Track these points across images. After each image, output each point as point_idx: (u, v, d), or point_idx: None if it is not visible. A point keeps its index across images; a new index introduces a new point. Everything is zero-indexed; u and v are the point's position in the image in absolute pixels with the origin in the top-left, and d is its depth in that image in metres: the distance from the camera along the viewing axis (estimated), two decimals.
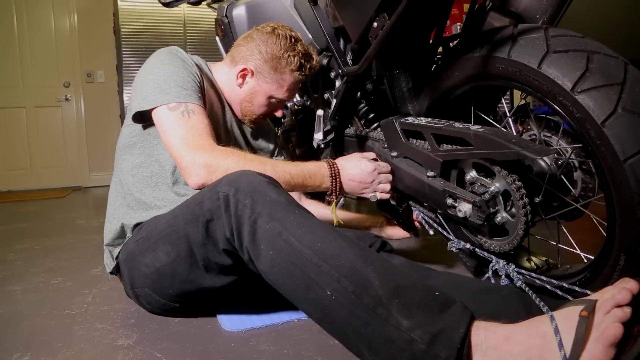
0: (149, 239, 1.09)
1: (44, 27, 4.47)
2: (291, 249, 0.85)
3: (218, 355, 0.97)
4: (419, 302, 0.75)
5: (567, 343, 0.64)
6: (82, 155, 4.68)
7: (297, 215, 0.90)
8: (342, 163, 1.22)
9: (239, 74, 1.32)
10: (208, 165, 1.07)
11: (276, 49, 1.29)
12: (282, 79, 1.31)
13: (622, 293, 0.62)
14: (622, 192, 0.84)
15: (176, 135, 1.10)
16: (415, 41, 1.23)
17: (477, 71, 1.06)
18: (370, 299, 0.76)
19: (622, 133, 0.82)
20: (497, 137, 0.95)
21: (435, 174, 1.13)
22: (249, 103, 1.34)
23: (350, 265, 0.80)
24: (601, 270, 0.95)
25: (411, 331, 0.71)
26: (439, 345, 0.69)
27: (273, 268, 0.87)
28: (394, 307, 0.74)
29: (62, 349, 1.03)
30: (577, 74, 0.87)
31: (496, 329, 0.71)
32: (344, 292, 0.78)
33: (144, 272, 1.10)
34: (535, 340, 0.67)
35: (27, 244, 2.11)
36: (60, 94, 4.58)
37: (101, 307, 1.28)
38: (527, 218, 1.00)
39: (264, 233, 0.88)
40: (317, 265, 0.81)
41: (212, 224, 0.96)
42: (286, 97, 1.35)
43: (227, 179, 0.96)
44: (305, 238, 0.85)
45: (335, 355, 0.96)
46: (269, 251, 0.87)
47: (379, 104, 1.45)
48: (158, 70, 1.18)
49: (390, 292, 0.76)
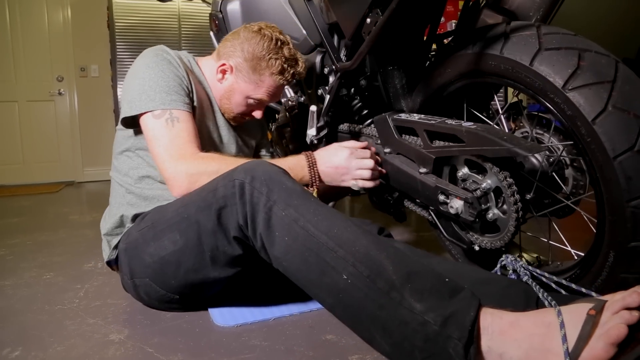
0: (155, 227, 1.09)
1: (37, 20, 4.44)
2: (308, 235, 0.87)
3: (209, 351, 0.98)
4: (430, 287, 0.78)
5: (571, 337, 0.66)
6: (76, 150, 4.66)
7: (313, 202, 0.93)
8: (319, 152, 1.23)
9: (218, 68, 1.31)
10: (190, 175, 1.10)
11: (258, 49, 1.26)
12: (260, 80, 1.28)
13: (633, 296, 0.64)
14: (611, 190, 0.85)
15: (160, 146, 1.13)
16: (409, 38, 1.23)
17: (470, 68, 1.07)
18: (385, 283, 0.79)
19: (612, 131, 0.83)
20: (489, 134, 0.95)
21: (428, 171, 1.14)
22: (227, 100, 1.33)
23: (365, 252, 0.83)
24: (591, 267, 0.96)
25: (424, 314, 0.75)
26: (451, 326, 0.72)
27: (288, 254, 0.89)
28: (407, 292, 0.77)
29: (53, 344, 1.03)
30: (568, 71, 0.87)
31: (503, 315, 0.74)
32: (359, 276, 0.81)
33: (147, 261, 1.09)
34: (540, 328, 0.69)
35: (19, 238, 2.10)
36: (54, 88, 4.55)
37: (93, 302, 1.27)
38: (518, 215, 1.00)
39: (279, 220, 0.90)
40: (334, 251, 0.84)
41: (225, 210, 0.97)
42: (265, 99, 1.32)
43: (243, 168, 0.98)
44: (322, 224, 0.88)
45: (327, 351, 0.96)
46: (284, 237, 0.90)
47: (372, 100, 1.45)
48: (144, 74, 1.18)
49: (404, 277, 0.79)
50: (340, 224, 0.89)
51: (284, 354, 0.95)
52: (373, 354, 0.94)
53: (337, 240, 0.85)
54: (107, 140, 4.64)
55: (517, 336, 0.70)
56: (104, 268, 1.60)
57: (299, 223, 0.89)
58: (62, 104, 4.61)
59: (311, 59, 1.54)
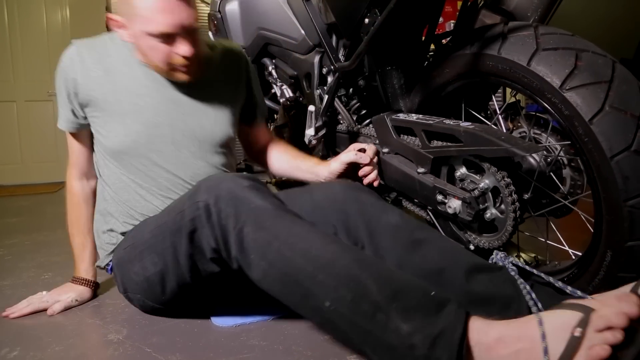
0: (135, 247, 1.08)
1: (36, 20, 4.43)
2: (284, 259, 0.83)
3: (208, 351, 0.98)
4: (416, 304, 0.74)
5: (554, 354, 0.65)
6: None
7: (286, 221, 0.87)
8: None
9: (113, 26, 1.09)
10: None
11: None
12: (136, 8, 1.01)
13: (619, 318, 0.62)
14: (609, 189, 0.85)
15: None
16: (407, 38, 1.23)
17: (468, 68, 1.07)
18: (369, 305, 0.75)
19: (609, 130, 0.83)
20: (486, 134, 0.95)
21: (426, 171, 1.14)
22: (145, 56, 1.10)
23: (346, 272, 0.79)
24: (588, 267, 0.96)
25: (411, 336, 0.71)
26: (440, 348, 0.70)
27: (266, 278, 0.86)
28: (392, 312, 0.74)
29: (51, 344, 1.03)
30: (565, 71, 0.88)
31: (489, 330, 0.71)
32: (342, 301, 0.77)
33: (134, 279, 1.09)
34: (524, 343, 0.68)
35: (18, 238, 2.10)
36: (52, 88, 4.49)
37: (91, 302, 1.27)
38: (516, 214, 1.01)
39: (252, 242, 0.86)
40: (313, 275, 0.80)
41: (196, 234, 0.94)
42: (164, 26, 1.02)
43: (206, 186, 0.93)
44: (298, 246, 0.83)
45: (325, 351, 0.96)
46: (259, 262, 0.85)
47: (370, 100, 1.45)
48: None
49: (388, 297, 0.75)
50: (318, 242, 0.83)
51: (283, 354, 0.95)
52: None
53: (316, 263, 0.80)
54: None
55: (503, 352, 0.69)
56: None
57: (273, 246, 0.84)
58: None
59: (310, 59, 1.54)
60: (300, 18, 1.56)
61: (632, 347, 0.59)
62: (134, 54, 1.14)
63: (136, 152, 1.15)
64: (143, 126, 1.13)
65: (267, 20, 1.66)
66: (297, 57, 1.60)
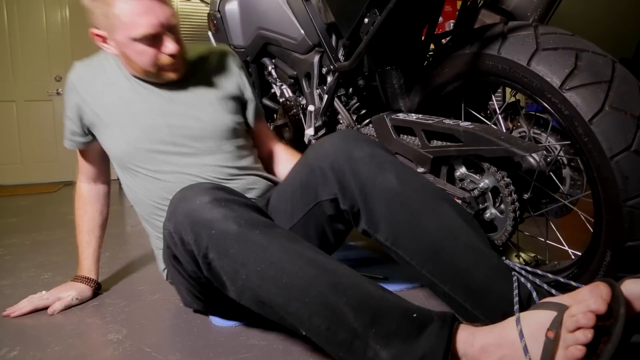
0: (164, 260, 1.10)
1: (35, 20, 4.43)
2: (253, 289, 0.80)
3: (208, 350, 0.98)
4: (396, 329, 0.72)
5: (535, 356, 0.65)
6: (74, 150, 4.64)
7: (253, 245, 0.81)
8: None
9: (98, 44, 1.13)
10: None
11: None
12: (115, 15, 1.04)
13: (586, 317, 0.61)
14: (608, 189, 0.85)
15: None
16: (407, 38, 1.23)
17: (468, 68, 1.07)
18: (346, 333, 0.73)
19: (609, 130, 0.83)
20: (486, 133, 0.95)
21: (426, 170, 1.14)
22: (130, 61, 1.12)
23: (320, 300, 0.75)
24: (588, 266, 0.96)
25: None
26: None
27: (242, 300, 0.85)
28: (371, 339, 0.71)
29: (51, 344, 1.03)
30: (565, 71, 0.88)
31: (473, 341, 0.70)
32: (317, 330, 0.75)
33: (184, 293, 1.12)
34: (506, 349, 0.68)
35: (17, 238, 2.10)
36: (52, 88, 4.54)
37: (91, 302, 1.27)
38: (515, 214, 1.01)
39: (220, 268, 0.83)
40: (284, 306, 0.78)
41: (177, 260, 0.95)
42: (146, 28, 1.04)
43: (168, 211, 0.91)
44: (266, 275, 0.79)
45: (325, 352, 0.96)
46: (231, 286, 0.84)
47: (370, 99, 1.45)
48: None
49: (366, 323, 0.72)
50: (289, 268, 0.78)
51: (282, 354, 0.95)
52: None
53: (288, 294, 0.77)
54: None
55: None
56: (102, 268, 1.59)
57: (240, 275, 0.80)
58: (60, 104, 4.58)
59: (309, 59, 1.54)
60: (299, 18, 1.56)
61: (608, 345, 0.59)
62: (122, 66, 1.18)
63: (140, 158, 1.17)
64: (142, 131, 1.16)
65: (267, 20, 1.66)
66: (297, 56, 1.60)
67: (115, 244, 1.94)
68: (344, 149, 0.97)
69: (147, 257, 1.75)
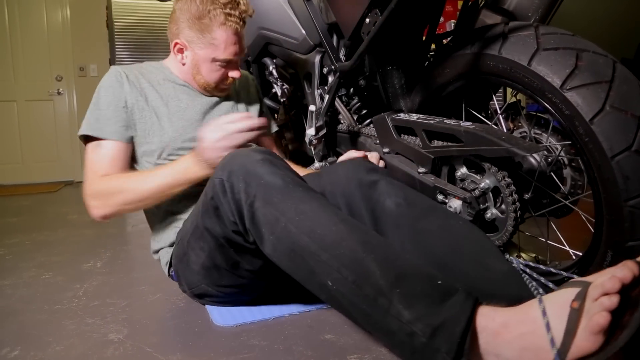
0: (183, 241, 1.12)
1: (36, 20, 4.44)
2: (290, 237, 0.84)
3: (208, 350, 0.98)
4: (420, 291, 0.74)
5: (558, 332, 0.64)
6: (75, 150, 4.65)
7: (294, 199, 0.88)
8: (199, 145, 1.12)
9: (174, 49, 1.28)
10: (96, 196, 1.15)
11: (195, 10, 1.20)
12: (213, 39, 1.21)
13: (612, 282, 0.61)
14: (609, 189, 0.85)
15: (86, 166, 1.19)
16: (408, 38, 1.23)
17: (469, 68, 1.07)
18: (371, 289, 0.75)
19: (610, 130, 0.83)
20: (487, 134, 0.95)
21: (427, 170, 1.14)
22: (199, 74, 1.27)
23: (350, 254, 0.79)
24: (589, 266, 0.96)
25: (412, 324, 0.71)
26: (440, 339, 0.69)
27: (276, 252, 0.88)
28: (395, 297, 0.73)
29: (51, 344, 1.03)
30: (566, 71, 0.88)
31: (495, 316, 0.71)
32: (344, 282, 0.78)
33: (195, 271, 1.12)
34: (528, 326, 0.68)
35: (18, 238, 2.10)
36: (53, 88, 4.55)
37: (92, 302, 1.27)
38: (516, 214, 1.01)
39: (262, 217, 0.88)
40: (317, 254, 0.81)
41: (219, 211, 0.96)
42: (230, 54, 1.24)
43: (221, 163, 0.96)
44: (304, 225, 0.84)
45: (326, 351, 0.96)
46: (269, 236, 0.87)
47: (371, 100, 1.45)
48: (93, 97, 1.23)
49: (391, 282, 0.75)
50: (324, 222, 0.84)
51: (283, 354, 0.95)
52: (372, 354, 0.94)
53: (320, 243, 0.81)
54: None
55: (508, 337, 0.68)
56: (102, 267, 1.60)
57: (280, 223, 0.85)
58: (61, 104, 4.60)
59: (310, 58, 1.54)
60: (301, 18, 1.56)
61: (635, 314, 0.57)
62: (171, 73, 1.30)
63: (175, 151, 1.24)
64: (187, 122, 1.25)
65: (268, 19, 1.66)
66: (298, 56, 1.60)
67: (115, 244, 1.95)
68: (355, 175, 1.05)
69: (148, 257, 1.75)
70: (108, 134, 1.19)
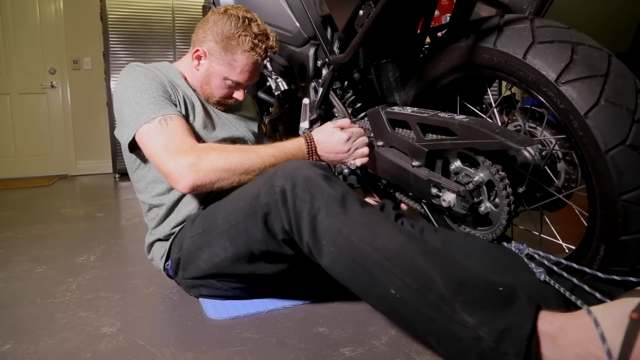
0: (207, 234, 1.10)
1: (29, 12, 4.40)
2: (352, 246, 0.85)
3: (201, 343, 0.97)
4: (482, 298, 0.75)
5: (614, 343, 0.64)
6: (69, 144, 4.63)
7: (355, 211, 0.90)
8: (318, 137, 1.21)
9: (193, 55, 1.31)
10: (192, 165, 1.06)
11: (227, 29, 1.24)
12: (233, 60, 1.26)
13: None
14: (603, 183, 0.85)
15: (157, 145, 1.11)
16: (403, 31, 1.22)
17: (463, 61, 1.06)
18: (434, 296, 0.76)
19: (605, 124, 0.83)
20: (481, 127, 0.95)
21: (421, 164, 1.14)
22: (207, 85, 1.31)
23: (412, 263, 0.80)
24: (582, 260, 0.96)
25: (477, 328, 0.71)
26: (507, 342, 0.69)
27: (336, 264, 0.88)
28: (458, 305, 0.74)
29: (44, 337, 1.02)
30: (561, 65, 0.87)
31: (553, 319, 0.71)
32: (407, 290, 0.79)
33: (202, 267, 1.12)
34: (584, 334, 0.67)
35: (12, 232, 2.09)
36: (46, 81, 4.51)
37: (85, 296, 1.27)
38: (510, 208, 1.00)
39: (324, 229, 0.89)
40: (379, 263, 0.82)
41: (270, 217, 0.97)
42: (242, 79, 1.29)
43: (284, 172, 0.96)
44: (365, 235, 0.86)
45: (319, 344, 0.96)
46: (330, 247, 0.88)
47: (365, 93, 1.45)
48: (127, 96, 1.17)
49: (454, 290, 0.76)
50: (385, 232, 0.86)
51: (276, 347, 0.95)
52: (364, 347, 0.94)
53: (382, 252, 0.83)
54: (100, 133, 4.61)
55: (565, 342, 0.68)
56: (96, 261, 1.59)
57: (342, 233, 0.87)
58: (54, 97, 4.57)
59: (304, 51, 1.53)
60: (294, 10, 1.55)
61: None
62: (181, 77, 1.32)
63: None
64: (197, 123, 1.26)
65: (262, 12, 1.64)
66: (292, 49, 1.59)
67: (109, 238, 1.94)
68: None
69: (141, 250, 1.74)
70: (173, 111, 1.17)
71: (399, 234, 0.86)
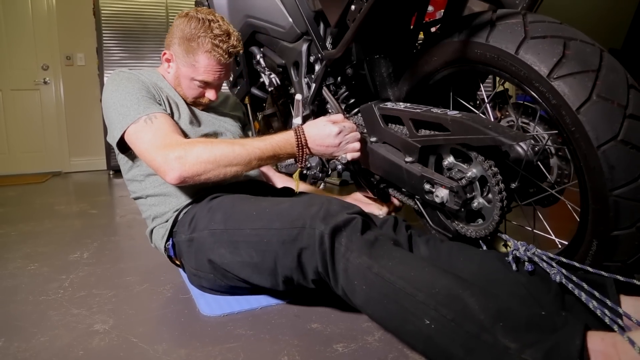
0: (229, 234, 1.09)
1: (21, 7, 4.36)
2: (383, 281, 0.86)
3: (194, 340, 0.97)
4: (526, 322, 0.73)
5: None
6: (62, 140, 4.60)
7: (386, 248, 0.92)
8: (308, 130, 1.20)
9: (163, 58, 1.34)
10: (179, 158, 1.09)
11: (187, 32, 1.26)
12: (195, 61, 1.27)
13: None
14: (595, 179, 0.86)
15: (145, 142, 1.15)
16: (395, 26, 1.22)
17: (456, 56, 1.06)
18: (472, 325, 0.74)
19: (597, 120, 0.83)
20: (473, 122, 0.95)
21: (414, 160, 1.13)
22: (179, 87, 1.35)
23: (446, 292, 0.79)
24: (574, 255, 0.97)
25: (521, 352, 0.70)
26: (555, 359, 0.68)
27: (369, 302, 0.89)
28: (499, 331, 0.72)
29: (36, 335, 1.02)
30: (553, 60, 0.87)
31: (605, 336, 0.70)
32: (442, 320, 0.77)
33: (216, 261, 1.12)
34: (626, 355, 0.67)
35: (4, 229, 2.07)
36: (39, 77, 4.48)
37: (78, 293, 1.26)
38: (503, 204, 1.01)
39: (355, 269, 0.90)
40: (412, 295, 0.82)
41: (306, 252, 0.97)
42: (208, 79, 1.30)
43: (324, 213, 0.97)
44: (397, 269, 0.86)
45: (312, 340, 0.96)
46: (362, 286, 0.89)
47: (358, 88, 1.44)
48: (113, 99, 1.22)
49: (493, 316, 0.74)
50: (415, 264, 0.87)
51: (269, 343, 0.95)
52: (357, 343, 0.94)
53: (415, 284, 0.82)
54: (94, 130, 4.58)
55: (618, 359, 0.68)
56: (89, 258, 1.59)
57: (372, 270, 0.87)
58: (47, 93, 4.53)
59: (297, 47, 1.52)
60: (287, 5, 1.54)
61: None
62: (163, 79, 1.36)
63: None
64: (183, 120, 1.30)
65: (255, 8, 1.64)
66: (285, 45, 1.58)
67: (103, 234, 1.93)
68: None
69: (135, 247, 1.74)
70: (157, 109, 1.21)
71: (429, 267, 0.87)
